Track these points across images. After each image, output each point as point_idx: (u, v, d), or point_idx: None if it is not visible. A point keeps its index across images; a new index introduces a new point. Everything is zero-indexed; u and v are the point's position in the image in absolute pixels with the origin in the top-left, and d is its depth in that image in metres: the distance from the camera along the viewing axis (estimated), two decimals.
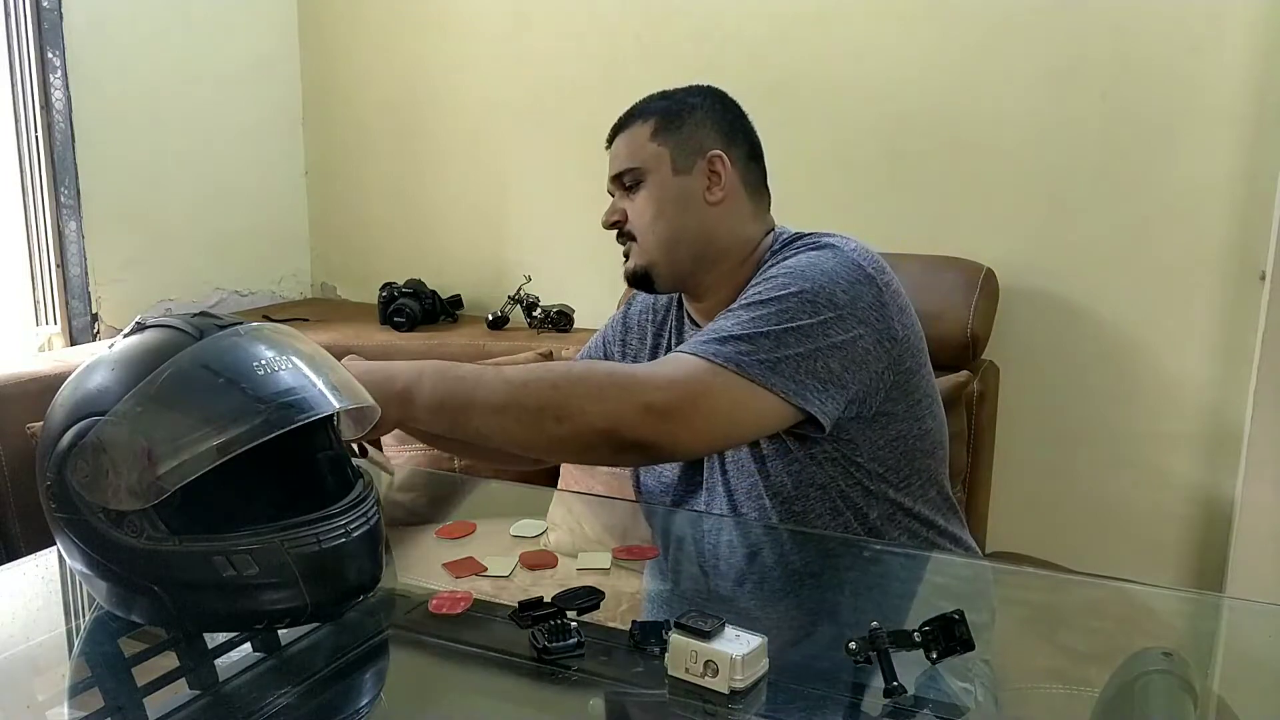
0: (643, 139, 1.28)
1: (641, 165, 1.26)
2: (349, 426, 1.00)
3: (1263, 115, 1.83)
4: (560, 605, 0.93)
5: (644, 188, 1.26)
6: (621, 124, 1.32)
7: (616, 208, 1.30)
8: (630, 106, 1.35)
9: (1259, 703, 0.94)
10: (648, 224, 1.26)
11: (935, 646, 0.82)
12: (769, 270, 1.19)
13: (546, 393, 1.08)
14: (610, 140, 1.33)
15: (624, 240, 1.29)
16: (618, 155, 1.30)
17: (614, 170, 1.30)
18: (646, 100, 1.34)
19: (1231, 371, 1.90)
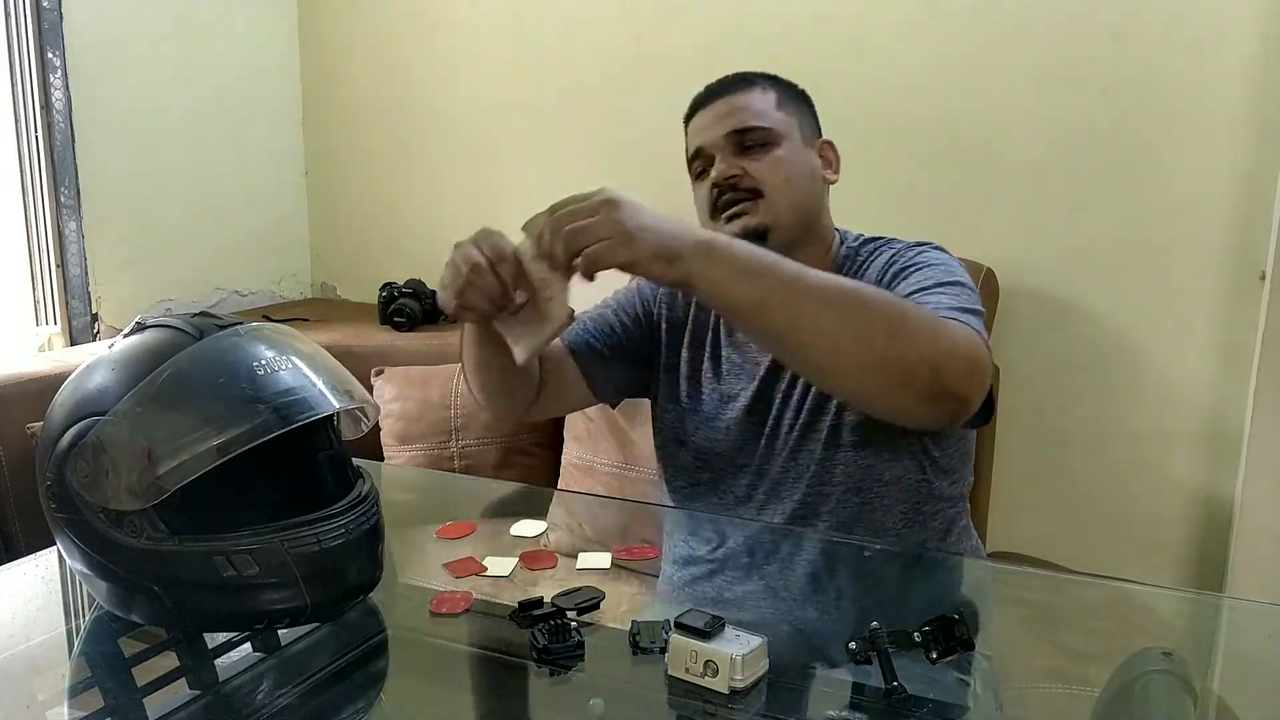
0: (769, 104, 1.26)
1: (774, 127, 1.24)
2: (349, 426, 1.00)
3: (1263, 115, 1.83)
4: (560, 605, 0.93)
5: (776, 149, 1.23)
6: (731, 87, 1.28)
7: (734, 163, 1.23)
8: (728, 75, 1.31)
9: (1259, 703, 0.94)
10: (781, 183, 1.22)
11: (935, 646, 0.82)
12: (909, 258, 1.18)
13: (886, 305, 0.98)
14: (709, 97, 1.29)
15: (738, 198, 1.22)
16: (741, 111, 1.25)
17: (734, 126, 1.24)
18: (747, 74, 1.30)
19: (1231, 371, 1.90)
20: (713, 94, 1.28)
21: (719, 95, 1.27)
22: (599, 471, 1.92)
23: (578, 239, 0.93)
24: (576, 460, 1.95)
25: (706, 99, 1.29)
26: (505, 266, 0.98)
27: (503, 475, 2.02)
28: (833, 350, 0.95)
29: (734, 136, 1.24)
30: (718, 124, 1.25)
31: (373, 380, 2.12)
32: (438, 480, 1.53)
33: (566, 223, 0.94)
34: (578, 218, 0.94)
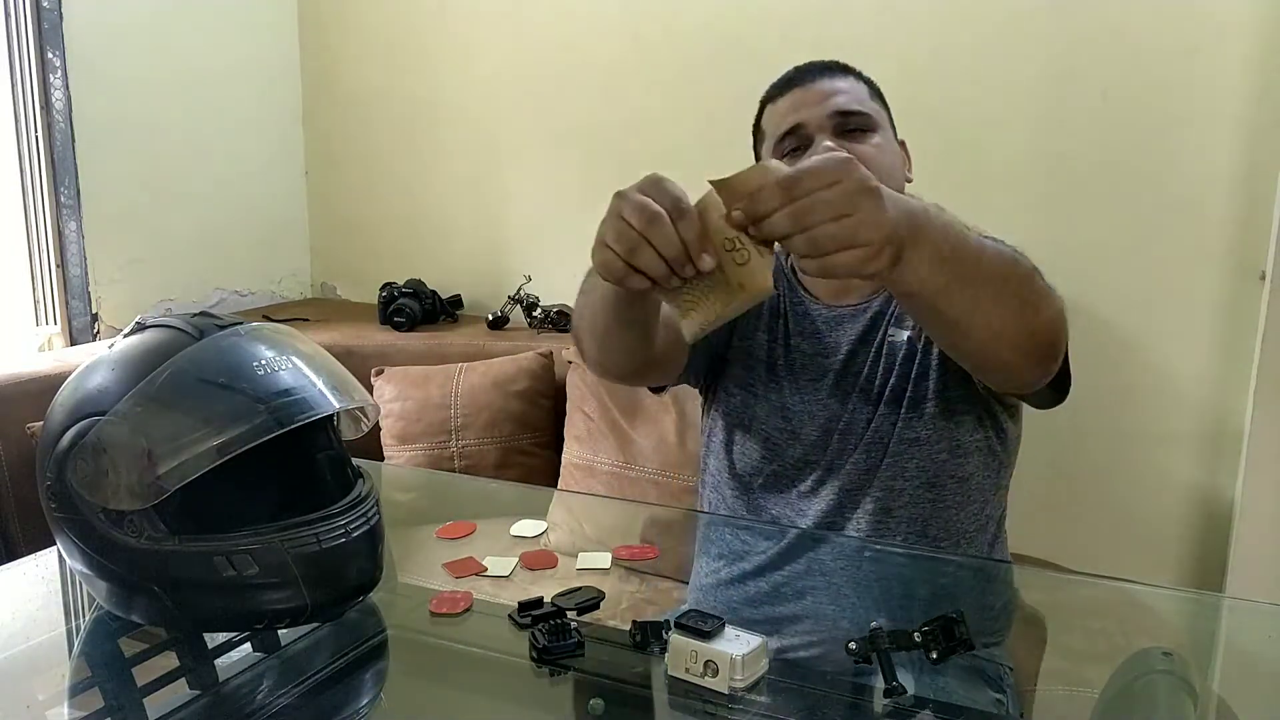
0: (863, 94, 1.22)
1: (874, 116, 1.20)
2: (349, 426, 1.00)
3: (1263, 115, 1.83)
4: (560, 605, 0.93)
5: (875, 136, 1.19)
6: (828, 71, 1.23)
7: (839, 144, 1.14)
8: (819, 60, 1.26)
9: (1259, 703, 0.94)
10: (885, 166, 1.15)
11: (935, 646, 0.82)
12: None
13: (1026, 277, 0.93)
14: (810, 75, 1.22)
15: None
16: (844, 92, 1.19)
17: (840, 107, 1.18)
18: (839, 62, 1.25)
19: (1231, 371, 1.90)
20: (809, 74, 1.22)
21: (818, 76, 1.21)
22: (599, 471, 1.92)
23: (827, 242, 0.75)
24: (576, 460, 1.95)
25: (802, 78, 1.22)
26: (688, 225, 0.79)
27: (503, 475, 2.02)
28: (995, 334, 0.91)
29: (839, 118, 1.18)
30: (822, 103, 1.18)
31: (373, 380, 2.12)
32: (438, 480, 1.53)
33: (817, 215, 0.74)
34: (829, 213, 0.74)
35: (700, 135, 2.28)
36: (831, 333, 1.22)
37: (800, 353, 1.23)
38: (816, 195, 0.74)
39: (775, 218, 0.75)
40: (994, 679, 1.05)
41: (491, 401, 2.06)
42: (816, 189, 0.74)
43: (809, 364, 1.22)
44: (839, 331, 1.22)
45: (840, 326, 1.22)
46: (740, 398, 1.25)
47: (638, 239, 0.79)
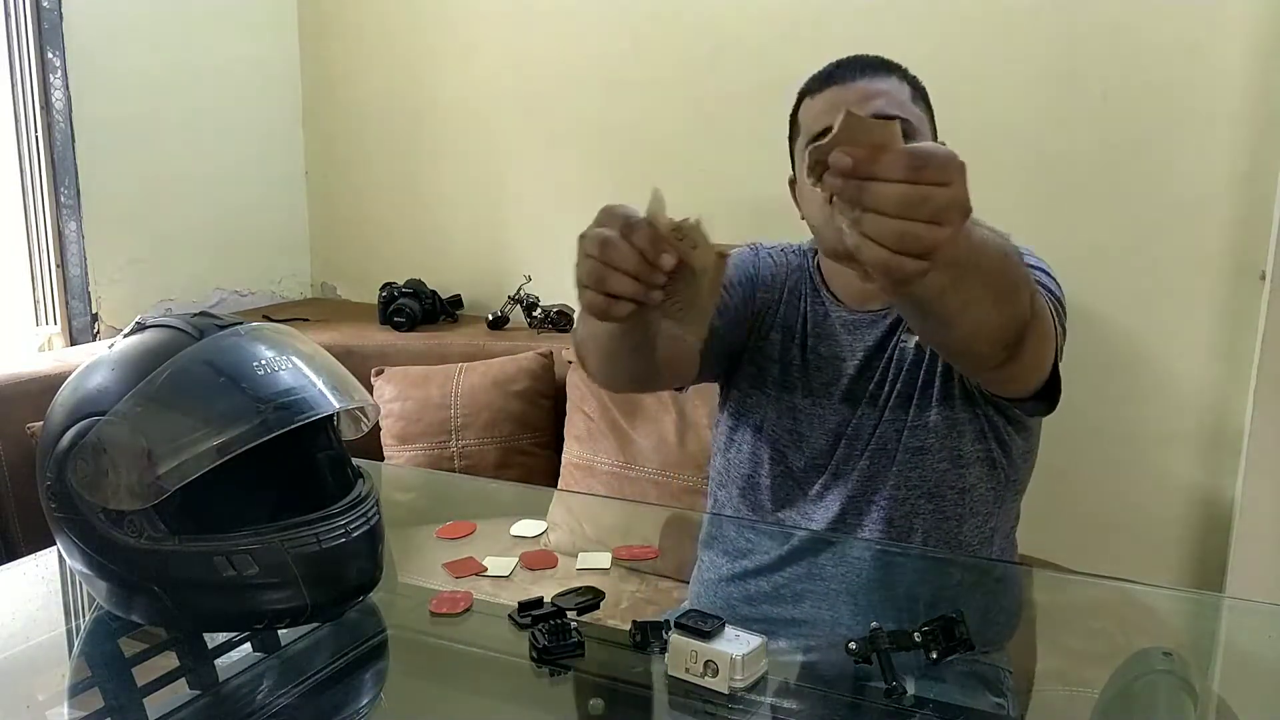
0: (905, 96, 1.17)
1: (914, 121, 1.14)
2: (349, 426, 1.00)
3: (1263, 115, 1.83)
4: (560, 605, 0.93)
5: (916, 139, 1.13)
6: (870, 69, 1.17)
7: None
8: (863, 56, 1.19)
9: (1259, 703, 0.94)
10: None
11: (935, 646, 0.82)
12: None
13: (1017, 266, 0.92)
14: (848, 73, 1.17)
15: None
16: (883, 95, 1.14)
17: (882, 111, 1.11)
18: (883, 60, 1.19)
19: (1231, 371, 1.89)
20: (850, 70, 1.17)
21: (858, 75, 1.16)
22: (599, 471, 1.92)
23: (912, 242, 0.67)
24: (576, 460, 1.95)
25: (842, 75, 1.17)
26: (640, 235, 0.81)
27: (503, 475, 2.02)
28: (975, 328, 0.88)
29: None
30: (862, 104, 1.12)
31: (373, 380, 2.12)
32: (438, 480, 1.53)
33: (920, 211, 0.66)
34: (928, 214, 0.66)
35: (700, 135, 2.28)
36: (849, 337, 1.21)
37: (816, 355, 1.22)
38: (932, 191, 0.66)
39: (885, 189, 0.66)
40: (993, 683, 1.05)
41: (491, 401, 2.06)
42: (936, 176, 0.66)
43: (824, 367, 1.21)
44: (856, 337, 1.21)
45: (858, 332, 1.21)
46: (754, 398, 1.25)
47: (602, 267, 0.81)
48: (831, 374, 1.21)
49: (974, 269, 0.83)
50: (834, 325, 1.22)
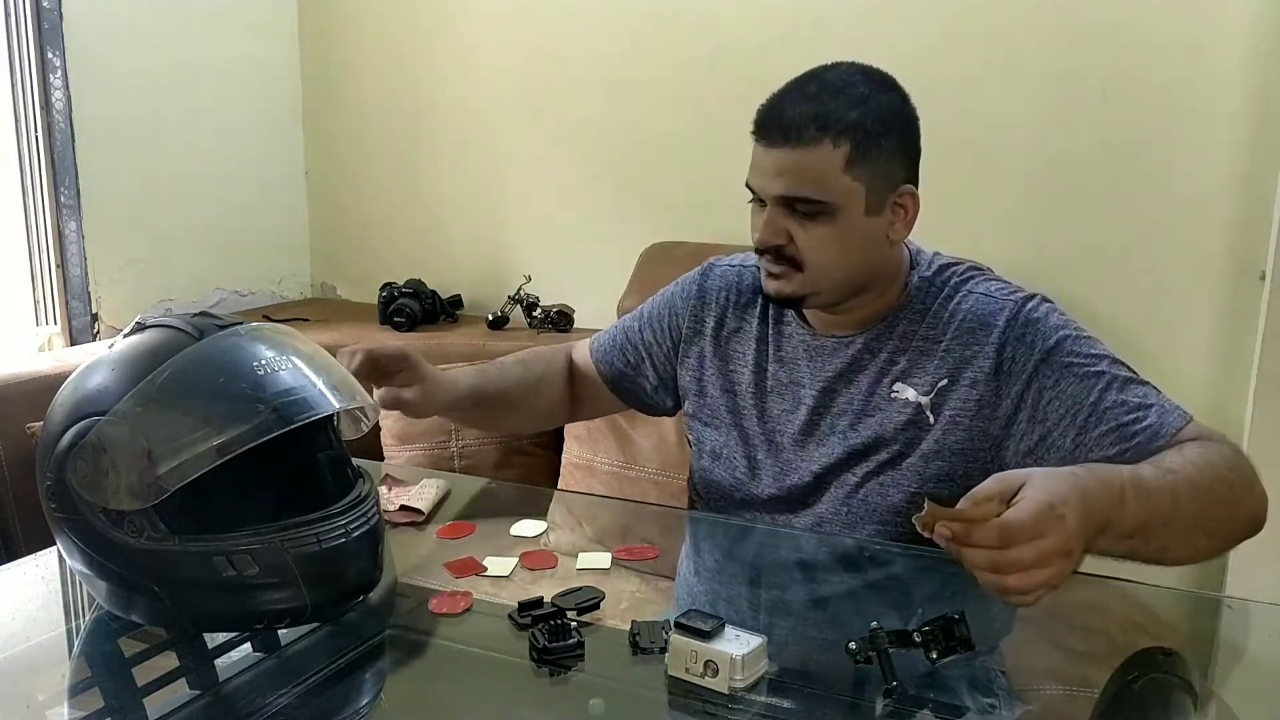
0: (833, 168, 1.07)
1: (831, 200, 1.08)
2: (349, 426, 1.00)
3: (1263, 115, 1.83)
4: (560, 605, 0.93)
5: (828, 224, 1.09)
6: (798, 128, 1.08)
7: (779, 227, 1.10)
8: (803, 94, 1.10)
9: (1259, 703, 0.94)
10: (826, 262, 1.11)
11: (935, 646, 0.82)
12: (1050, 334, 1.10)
13: (1225, 492, 0.97)
14: (771, 134, 1.10)
15: (779, 262, 1.12)
16: (793, 173, 1.08)
17: (785, 191, 1.09)
18: (827, 95, 1.09)
19: (1231, 371, 1.90)
20: (772, 129, 1.10)
21: (783, 139, 1.09)
22: (599, 471, 1.92)
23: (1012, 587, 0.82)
24: (576, 460, 1.95)
25: (766, 131, 1.11)
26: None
27: (503, 475, 2.02)
28: (1203, 555, 1.01)
29: (785, 200, 1.10)
30: (772, 179, 1.10)
31: None
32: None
33: (1013, 568, 0.81)
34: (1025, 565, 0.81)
35: (700, 135, 2.28)
36: (812, 362, 1.20)
37: (776, 381, 1.22)
38: (1020, 550, 0.81)
39: (980, 554, 0.82)
40: (985, 685, 1.05)
41: None
42: (1023, 541, 0.81)
43: (785, 393, 1.21)
44: (819, 362, 1.19)
45: (820, 357, 1.19)
46: (708, 429, 1.27)
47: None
48: (790, 402, 1.20)
49: (1159, 527, 0.93)
50: (797, 347, 1.21)
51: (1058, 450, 1.07)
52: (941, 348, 1.13)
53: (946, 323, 1.14)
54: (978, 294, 1.15)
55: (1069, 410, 1.06)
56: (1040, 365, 1.08)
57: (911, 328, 1.16)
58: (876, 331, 1.17)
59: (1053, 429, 1.07)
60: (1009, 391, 1.09)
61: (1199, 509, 0.95)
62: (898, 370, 1.15)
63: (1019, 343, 1.10)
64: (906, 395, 1.14)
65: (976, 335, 1.12)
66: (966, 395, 1.11)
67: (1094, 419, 1.06)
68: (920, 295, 1.17)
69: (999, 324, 1.11)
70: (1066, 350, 1.09)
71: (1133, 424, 1.04)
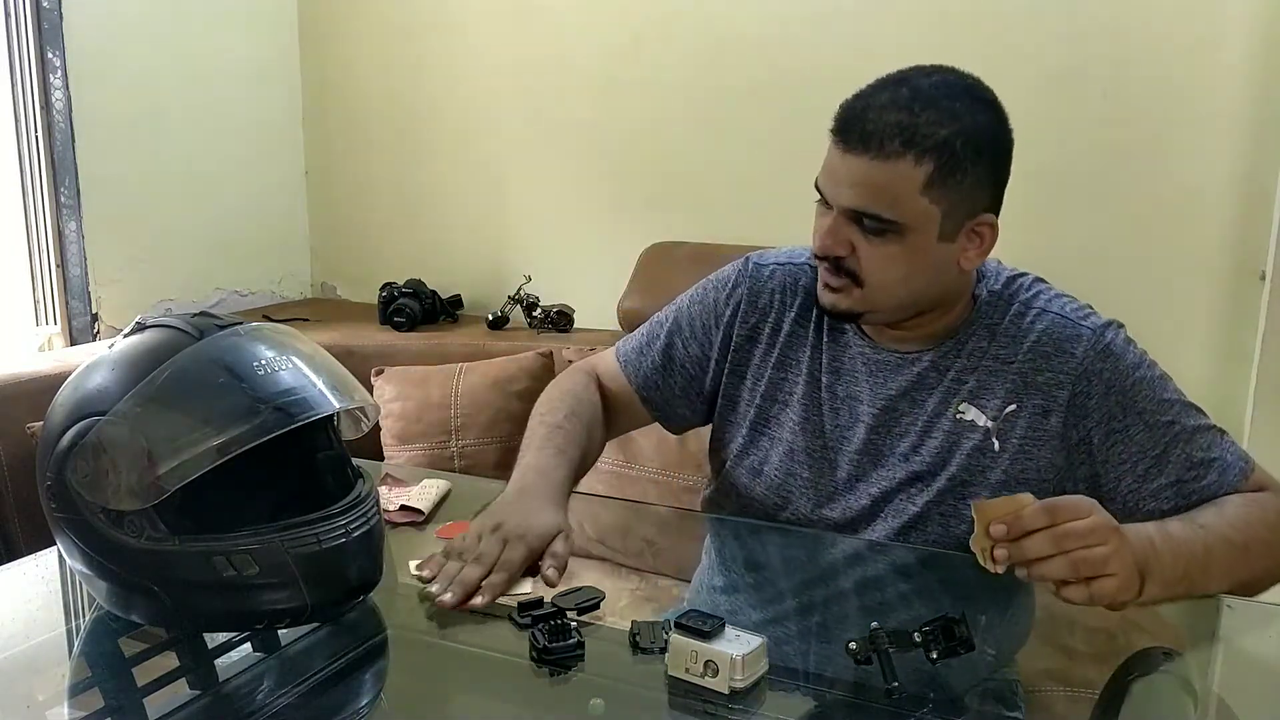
0: (911, 187, 1.00)
1: (903, 220, 1.01)
2: (349, 426, 1.00)
3: (1262, 115, 1.83)
4: (560, 605, 0.93)
5: (896, 243, 1.02)
6: (881, 138, 0.99)
7: (843, 238, 1.03)
8: (892, 99, 1.01)
9: (1259, 703, 0.94)
10: (887, 282, 1.04)
11: (935, 647, 0.82)
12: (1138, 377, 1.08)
13: (1262, 550, 0.99)
14: (850, 139, 1.02)
15: (839, 274, 1.06)
16: (867, 187, 1.01)
17: (856, 205, 1.02)
18: (919, 105, 1.00)
19: (1231, 371, 1.90)
20: (858, 138, 1.01)
21: (862, 147, 1.00)
22: (599, 470, 1.91)
23: (1085, 568, 0.85)
24: None
25: (849, 139, 1.02)
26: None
27: (503, 475, 1.99)
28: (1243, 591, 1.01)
29: (853, 213, 1.03)
30: (843, 188, 1.03)
31: (373, 380, 2.12)
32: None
33: (1074, 541, 0.85)
34: (1085, 541, 0.85)
35: (700, 135, 2.28)
36: (872, 377, 1.12)
37: (833, 395, 1.14)
38: (1073, 524, 0.85)
39: (1037, 537, 0.85)
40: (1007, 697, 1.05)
41: (491, 401, 2.06)
42: (1073, 519, 0.85)
43: (841, 408, 1.13)
44: (879, 378, 1.12)
45: (881, 373, 1.12)
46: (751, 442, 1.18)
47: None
48: (848, 417, 1.13)
49: (1200, 574, 0.95)
50: (855, 360, 1.14)
51: (1111, 494, 1.06)
52: (1013, 370, 1.08)
53: (1019, 342, 1.08)
54: (1053, 314, 1.10)
55: (1133, 457, 1.05)
56: (1114, 407, 1.06)
57: (981, 344, 1.10)
58: (945, 349, 1.10)
59: (1112, 471, 1.06)
60: (1079, 424, 1.06)
61: (1234, 562, 0.97)
62: (966, 390, 1.09)
63: (1096, 378, 1.06)
64: (972, 418, 1.08)
65: (1051, 361, 1.07)
66: (1038, 425, 1.07)
67: (1155, 469, 1.05)
68: (989, 310, 1.11)
69: (1076, 353, 1.06)
70: (1142, 394, 1.06)
71: (1193, 481, 1.04)
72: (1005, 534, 0.85)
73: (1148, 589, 0.89)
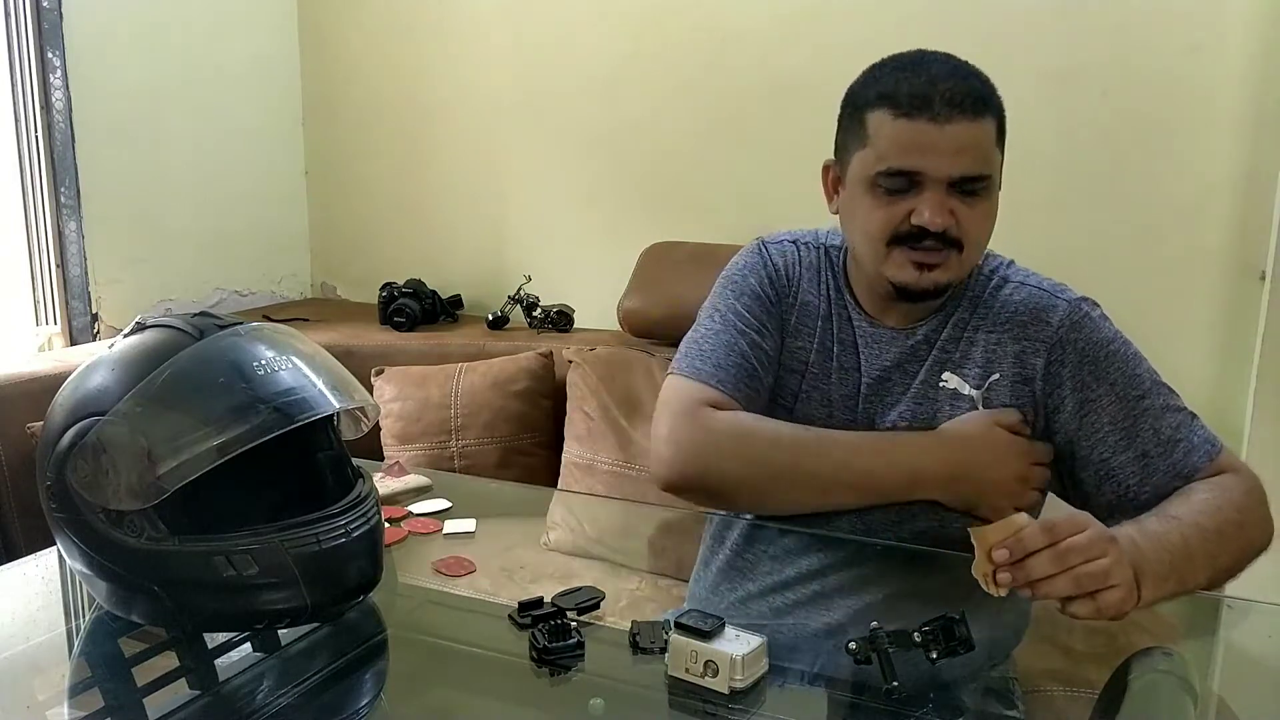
0: (993, 140, 1.05)
1: (993, 174, 1.06)
2: (349, 426, 1.00)
3: (1263, 115, 1.83)
4: (560, 605, 0.93)
5: (987, 199, 1.06)
6: (970, 107, 1.02)
7: (948, 209, 1.03)
8: (946, 70, 1.04)
9: (1259, 703, 0.94)
10: (982, 240, 1.09)
11: (935, 646, 0.82)
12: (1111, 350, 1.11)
13: (1234, 532, 1.01)
14: (940, 108, 1.02)
15: (944, 246, 1.05)
16: (973, 150, 1.03)
17: (967, 171, 1.03)
18: (965, 71, 1.06)
19: (1231, 371, 1.90)
20: (948, 104, 1.02)
21: (955, 113, 1.02)
22: (599, 470, 1.91)
23: (1089, 582, 0.85)
24: (577, 458, 1.95)
25: (937, 107, 1.02)
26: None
27: (503, 475, 2.02)
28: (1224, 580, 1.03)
29: (959, 180, 1.03)
30: (951, 159, 1.02)
31: (373, 380, 2.12)
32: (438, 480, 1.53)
33: (1076, 557, 0.85)
34: (1086, 555, 0.85)
35: (700, 135, 2.28)
36: (868, 349, 1.15)
37: (839, 365, 1.15)
38: (1073, 540, 0.85)
39: (1040, 558, 0.85)
40: (1004, 694, 1.05)
41: (491, 401, 2.06)
42: (1072, 534, 0.86)
43: (847, 379, 1.15)
44: (874, 350, 1.14)
45: (877, 345, 1.14)
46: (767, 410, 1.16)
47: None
48: (850, 387, 1.15)
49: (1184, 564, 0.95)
50: (853, 334, 1.16)
51: (1083, 463, 1.08)
52: (993, 340, 1.11)
53: (998, 313, 1.12)
54: (1030, 286, 1.14)
55: (1104, 427, 1.07)
56: (1087, 376, 1.08)
57: (964, 316, 1.13)
58: (934, 323, 1.13)
59: (1084, 440, 1.08)
60: (1054, 392, 1.09)
61: (1212, 548, 0.98)
62: (950, 361, 1.12)
63: (1070, 346, 1.09)
64: (954, 386, 1.11)
65: (1028, 330, 1.10)
66: (1019, 392, 1.10)
67: (1124, 442, 1.06)
68: (971, 284, 1.15)
69: (1052, 322, 1.10)
70: (1114, 367, 1.09)
71: (1159, 458, 1.06)
72: (1008, 558, 0.85)
73: (1144, 592, 0.89)
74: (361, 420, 1.00)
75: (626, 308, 2.14)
